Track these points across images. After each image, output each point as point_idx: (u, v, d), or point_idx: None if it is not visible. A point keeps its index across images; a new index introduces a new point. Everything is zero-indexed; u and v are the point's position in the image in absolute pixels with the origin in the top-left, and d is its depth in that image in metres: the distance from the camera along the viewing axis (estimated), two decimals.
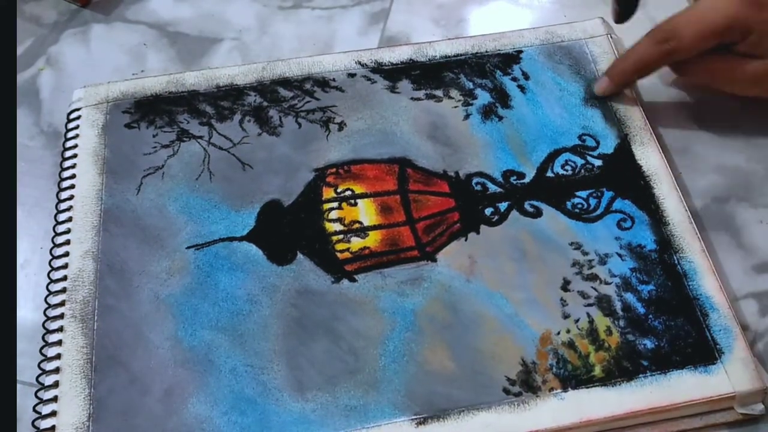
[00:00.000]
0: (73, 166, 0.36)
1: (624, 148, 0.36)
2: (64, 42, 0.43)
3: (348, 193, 0.35)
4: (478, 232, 0.34)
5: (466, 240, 0.34)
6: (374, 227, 0.34)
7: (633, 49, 0.37)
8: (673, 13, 0.36)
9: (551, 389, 0.30)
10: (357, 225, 0.34)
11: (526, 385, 0.30)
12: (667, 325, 0.32)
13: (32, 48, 0.43)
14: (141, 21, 0.44)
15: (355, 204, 0.35)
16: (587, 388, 0.30)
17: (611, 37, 0.40)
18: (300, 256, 0.34)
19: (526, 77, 0.39)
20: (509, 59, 0.40)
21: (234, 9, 0.44)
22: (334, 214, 0.35)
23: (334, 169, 0.36)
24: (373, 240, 0.34)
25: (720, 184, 0.37)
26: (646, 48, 0.36)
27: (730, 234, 0.36)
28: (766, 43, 0.35)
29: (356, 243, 0.34)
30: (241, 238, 0.34)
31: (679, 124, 0.39)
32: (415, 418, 0.30)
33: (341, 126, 0.38)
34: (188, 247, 0.34)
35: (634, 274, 0.33)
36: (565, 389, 0.30)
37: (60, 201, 0.35)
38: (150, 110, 0.38)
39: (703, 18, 0.35)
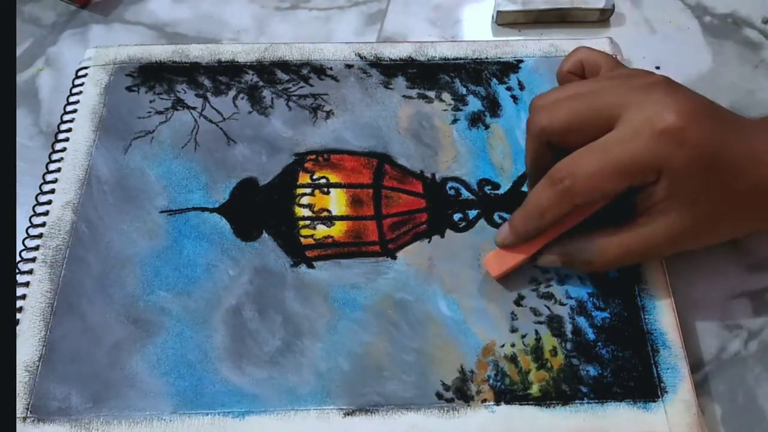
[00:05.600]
0: (71, 121, 0.38)
1: None
2: (63, 43, 0.44)
3: (323, 181, 0.36)
4: (442, 236, 0.34)
5: (429, 242, 0.34)
6: (341, 218, 0.35)
7: (531, 193, 0.30)
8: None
9: (484, 400, 0.30)
10: (325, 213, 0.35)
11: (459, 392, 0.30)
12: (614, 355, 0.31)
13: (31, 48, 0.44)
14: (140, 22, 0.45)
15: (328, 192, 0.35)
16: (520, 405, 0.30)
17: (617, 57, 0.39)
18: (265, 235, 0.34)
19: (522, 87, 0.39)
20: (508, 68, 0.39)
21: (232, 10, 0.45)
22: (305, 200, 0.35)
23: (313, 156, 0.37)
24: (338, 230, 0.34)
25: None
26: (542, 191, 0.29)
27: None
28: (680, 190, 0.28)
29: (321, 231, 0.34)
30: (212, 210, 0.35)
31: None
32: (344, 409, 0.30)
33: (329, 114, 0.38)
34: (162, 212, 0.35)
35: (591, 299, 0.32)
36: (497, 403, 0.30)
37: (54, 152, 0.37)
38: (151, 76, 0.40)
39: (605, 153, 0.28)
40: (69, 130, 0.38)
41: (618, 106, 0.28)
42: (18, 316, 0.32)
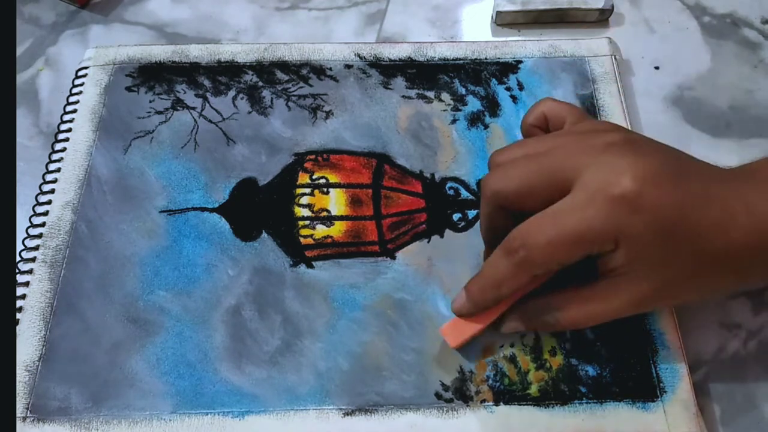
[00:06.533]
0: (71, 121, 0.38)
1: None
2: (63, 43, 0.44)
3: (322, 181, 0.36)
4: (442, 236, 0.34)
5: (428, 242, 0.34)
6: (341, 218, 0.35)
7: (487, 262, 0.29)
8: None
9: (483, 401, 0.30)
10: (324, 213, 0.35)
11: (458, 392, 0.30)
12: (613, 355, 0.31)
13: (31, 49, 0.44)
14: (139, 22, 0.45)
15: (327, 192, 0.36)
16: (519, 405, 0.30)
17: (615, 58, 0.39)
18: (264, 235, 0.34)
19: (521, 87, 0.39)
20: (507, 68, 0.39)
21: (231, 10, 0.45)
22: (305, 200, 0.35)
23: (313, 156, 0.37)
24: (337, 230, 0.34)
25: None
26: (498, 261, 0.28)
27: None
28: (640, 257, 0.26)
29: (320, 231, 0.34)
30: (212, 210, 0.35)
31: (673, 123, 0.39)
32: (344, 409, 0.30)
33: (328, 115, 0.38)
34: (161, 212, 0.35)
35: None
36: (497, 403, 0.30)
37: (54, 152, 0.37)
38: (151, 76, 0.40)
39: (559, 222, 0.26)
40: (69, 130, 0.38)
41: (572, 169, 0.27)
42: (18, 315, 0.32)
